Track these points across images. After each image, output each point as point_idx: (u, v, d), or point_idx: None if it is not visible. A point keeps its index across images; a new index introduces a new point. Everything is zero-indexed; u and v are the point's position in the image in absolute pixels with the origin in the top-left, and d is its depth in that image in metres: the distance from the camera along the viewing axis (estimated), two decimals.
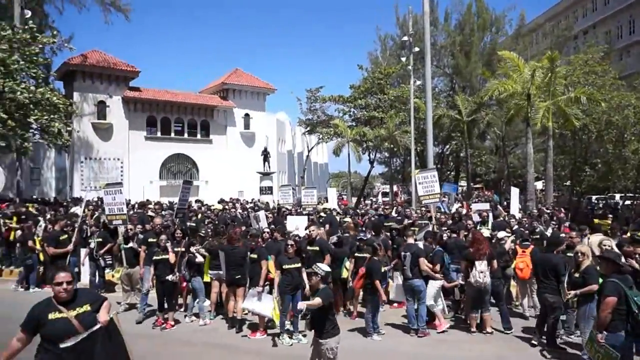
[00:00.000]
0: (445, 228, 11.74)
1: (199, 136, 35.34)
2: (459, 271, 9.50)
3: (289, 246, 8.45)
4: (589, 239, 9.41)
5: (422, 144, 34.66)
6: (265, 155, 32.95)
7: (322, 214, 15.72)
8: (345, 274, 9.85)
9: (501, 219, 14.64)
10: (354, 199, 38.24)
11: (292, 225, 12.16)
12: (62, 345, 3.61)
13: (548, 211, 18.46)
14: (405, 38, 30.71)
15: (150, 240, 9.84)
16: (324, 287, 5.78)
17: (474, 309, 8.58)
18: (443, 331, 8.65)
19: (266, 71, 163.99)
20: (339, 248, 9.98)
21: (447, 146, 39.14)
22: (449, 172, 41.76)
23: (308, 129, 41.51)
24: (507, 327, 8.63)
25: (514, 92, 23.09)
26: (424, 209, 16.90)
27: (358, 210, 18.50)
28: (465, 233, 11.34)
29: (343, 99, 38.31)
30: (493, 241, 10.03)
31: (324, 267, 6.06)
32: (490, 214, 15.29)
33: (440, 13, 41.05)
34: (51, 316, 3.73)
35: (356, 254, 9.48)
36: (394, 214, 17.40)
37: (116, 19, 32.45)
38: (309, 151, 47.14)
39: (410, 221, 13.34)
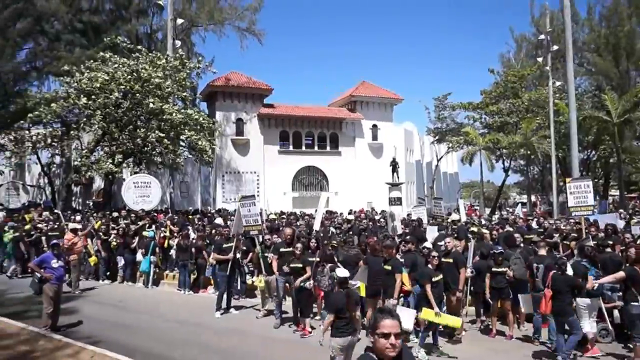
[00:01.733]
0: (597, 242, 10.61)
1: (328, 148, 36.28)
2: (614, 290, 8.50)
3: (434, 258, 8.31)
4: None
5: (564, 150, 32.00)
6: (394, 165, 32.75)
7: (454, 225, 15.15)
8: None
9: None
10: (487, 210, 36.36)
11: (431, 236, 11.90)
12: None
13: None
14: (542, 37, 28.74)
15: (281, 249, 10.18)
16: (336, 291, 6.31)
17: None
18: (594, 357, 7.76)
19: (393, 81, 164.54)
20: (482, 261, 9.56)
21: (594, 151, 35.61)
22: (596, 180, 37.94)
23: (437, 137, 40.59)
24: None
25: None
26: (572, 221, 15.55)
27: (493, 222, 17.52)
28: (622, 248, 10.16)
29: (473, 105, 36.88)
30: None
31: (341, 272, 6.62)
32: None
33: (580, 8, 37.80)
34: None
35: (493, 269, 8.97)
36: (534, 225, 16.23)
37: (250, 41, 34.78)
38: (438, 161, 46.01)
39: (558, 235, 12.29)
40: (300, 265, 9.35)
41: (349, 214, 21.56)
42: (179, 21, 27.11)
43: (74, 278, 13.23)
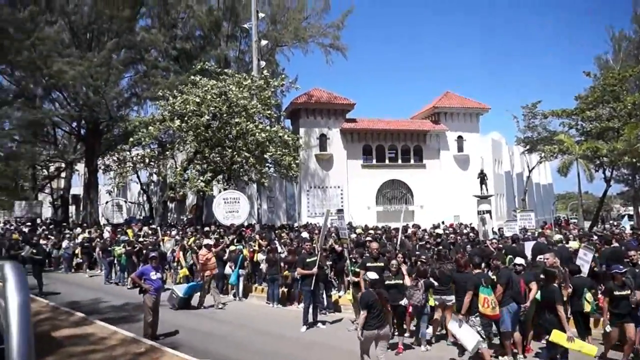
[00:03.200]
0: None
1: (412, 161, 35.74)
2: None
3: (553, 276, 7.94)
4: None
5: None
6: (482, 177, 31.58)
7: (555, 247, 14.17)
8: (587, 307, 8.58)
9: None
10: (587, 223, 33.85)
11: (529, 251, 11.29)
12: None
13: None
14: None
15: (369, 264, 10.05)
16: (366, 291, 7.41)
17: None
18: None
19: (478, 90, 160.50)
20: (577, 277, 8.84)
21: None
22: None
23: (527, 147, 38.59)
24: None
25: None
26: None
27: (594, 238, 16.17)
28: None
29: (567, 112, 34.65)
30: None
31: (371, 275, 7.53)
32: None
33: None
34: None
35: (616, 292, 7.85)
36: None
37: (334, 56, 35.24)
38: (529, 171, 43.65)
39: None
40: (400, 282, 9.17)
41: (435, 228, 20.93)
42: (264, 42, 28.09)
43: (214, 294, 13.24)
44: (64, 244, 21.07)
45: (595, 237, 15.20)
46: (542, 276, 8.27)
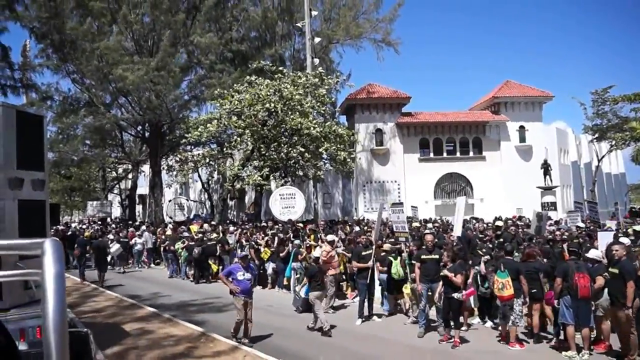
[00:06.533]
0: None
1: (471, 154, 34.84)
2: None
3: None
4: None
5: None
6: (546, 168, 30.32)
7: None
8: None
9: None
10: None
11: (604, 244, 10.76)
12: None
13: None
14: None
15: (423, 256, 9.93)
16: (311, 266, 10.49)
17: None
18: None
19: (541, 78, 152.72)
20: None
21: None
22: None
23: (596, 135, 36.65)
24: None
25: None
26: None
27: None
28: None
29: None
30: None
31: (315, 253, 11.12)
32: None
33: None
34: None
35: None
36: None
37: (387, 52, 34.80)
38: (598, 161, 41.44)
39: None
40: (451, 274, 9.04)
41: (495, 220, 20.30)
42: (317, 40, 28.27)
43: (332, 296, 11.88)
44: (133, 240, 22.15)
45: None
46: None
